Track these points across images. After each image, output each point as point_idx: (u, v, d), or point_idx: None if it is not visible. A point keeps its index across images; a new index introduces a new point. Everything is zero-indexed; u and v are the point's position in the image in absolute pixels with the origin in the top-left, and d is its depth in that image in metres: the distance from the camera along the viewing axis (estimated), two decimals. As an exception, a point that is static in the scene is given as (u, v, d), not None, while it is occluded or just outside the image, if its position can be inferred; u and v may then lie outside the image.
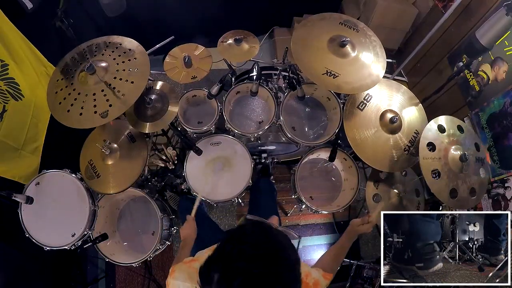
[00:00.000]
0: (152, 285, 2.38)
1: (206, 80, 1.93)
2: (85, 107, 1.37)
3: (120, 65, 1.45)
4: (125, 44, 1.53)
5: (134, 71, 1.43)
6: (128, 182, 1.62)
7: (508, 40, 1.86)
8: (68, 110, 1.37)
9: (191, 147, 1.65)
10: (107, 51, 1.50)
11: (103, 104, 1.37)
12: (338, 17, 1.65)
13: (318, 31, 1.59)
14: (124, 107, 1.38)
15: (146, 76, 1.44)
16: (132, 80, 1.41)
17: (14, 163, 1.67)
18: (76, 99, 1.39)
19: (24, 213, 1.61)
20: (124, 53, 1.49)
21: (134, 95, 1.39)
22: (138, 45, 1.52)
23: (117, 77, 1.42)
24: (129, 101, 1.38)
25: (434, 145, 1.50)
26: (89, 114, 1.36)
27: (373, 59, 1.55)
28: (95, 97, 1.38)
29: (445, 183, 1.46)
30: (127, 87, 1.40)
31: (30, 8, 1.65)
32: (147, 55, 1.50)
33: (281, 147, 2.15)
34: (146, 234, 1.91)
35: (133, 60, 1.47)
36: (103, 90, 1.39)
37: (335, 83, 1.47)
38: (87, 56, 1.49)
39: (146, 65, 1.46)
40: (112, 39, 1.55)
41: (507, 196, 1.80)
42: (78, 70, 1.45)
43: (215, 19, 2.69)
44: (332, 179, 2.07)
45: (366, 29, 1.64)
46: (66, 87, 1.43)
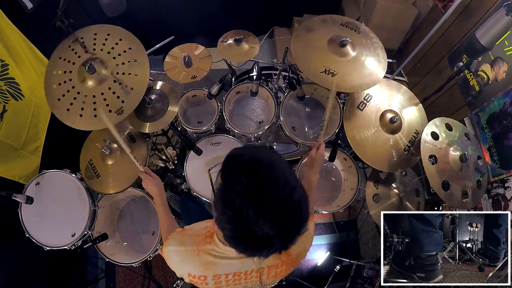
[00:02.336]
0: (152, 285, 2.38)
1: (206, 80, 1.93)
2: (98, 107, 1.36)
3: (118, 58, 1.44)
4: (113, 33, 1.49)
5: (133, 62, 1.42)
6: (128, 182, 1.62)
7: (508, 40, 1.86)
8: (81, 115, 1.36)
9: (191, 147, 1.65)
10: (97, 45, 1.46)
11: (116, 102, 1.37)
12: (339, 19, 1.65)
13: (318, 32, 1.59)
14: (136, 99, 1.38)
15: (146, 65, 1.43)
16: (136, 73, 1.41)
17: (14, 163, 1.67)
18: (84, 102, 1.37)
19: (24, 213, 1.61)
20: (116, 44, 1.46)
21: (142, 86, 1.40)
22: (127, 32, 1.49)
23: (120, 72, 1.41)
24: (139, 93, 1.39)
25: (435, 157, 1.51)
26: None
27: (374, 60, 1.56)
28: (105, 96, 1.38)
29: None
30: (132, 80, 1.41)
31: (30, 8, 1.65)
32: (138, 40, 1.48)
33: (281, 147, 2.15)
34: (146, 234, 1.91)
35: (129, 51, 1.45)
36: (110, 88, 1.39)
37: (334, 81, 1.47)
38: (86, 50, 1.45)
39: (143, 55, 1.44)
40: (99, 29, 1.50)
41: (507, 196, 1.80)
42: (76, 66, 1.42)
43: (215, 19, 2.70)
44: (332, 179, 2.07)
45: (368, 31, 1.64)
46: (68, 92, 1.40)
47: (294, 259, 0.97)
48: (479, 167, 1.60)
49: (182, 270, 0.95)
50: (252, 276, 0.95)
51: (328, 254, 2.55)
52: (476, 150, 1.63)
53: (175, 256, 0.95)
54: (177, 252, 0.94)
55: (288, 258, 0.95)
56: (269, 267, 0.94)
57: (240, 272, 0.93)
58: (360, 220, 2.67)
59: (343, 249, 2.58)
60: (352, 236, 2.67)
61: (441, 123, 1.58)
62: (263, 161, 0.72)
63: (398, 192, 1.83)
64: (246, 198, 0.67)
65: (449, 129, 1.58)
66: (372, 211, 1.75)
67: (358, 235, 2.67)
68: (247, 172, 0.69)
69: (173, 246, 0.95)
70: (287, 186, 0.69)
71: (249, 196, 0.67)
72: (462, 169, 1.51)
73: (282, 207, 0.68)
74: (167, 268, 2.40)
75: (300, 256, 0.98)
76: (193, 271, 0.93)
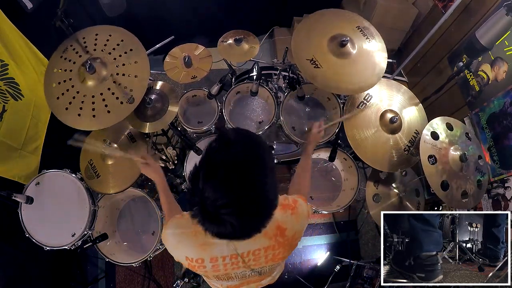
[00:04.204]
0: (152, 285, 2.38)
1: (206, 80, 1.93)
2: (97, 108, 1.37)
3: (118, 59, 1.44)
4: (116, 35, 1.50)
5: (133, 63, 1.42)
6: (128, 182, 1.62)
7: (508, 40, 1.86)
8: (79, 114, 1.36)
9: (191, 147, 1.65)
10: (98, 46, 1.47)
11: (115, 102, 1.38)
12: (360, 20, 1.60)
13: (326, 25, 1.58)
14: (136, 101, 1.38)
15: (147, 67, 1.43)
16: (136, 74, 1.41)
17: (14, 163, 1.67)
18: (83, 101, 1.38)
19: (24, 213, 1.61)
20: (117, 45, 1.47)
21: (141, 88, 1.41)
22: (128, 34, 1.50)
23: (120, 73, 1.41)
24: (138, 95, 1.39)
25: (434, 157, 1.51)
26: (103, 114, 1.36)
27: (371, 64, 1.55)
28: (104, 97, 1.38)
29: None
30: (132, 82, 1.41)
31: (30, 8, 1.65)
32: (139, 41, 1.48)
33: (281, 147, 2.15)
34: (146, 234, 1.91)
35: (129, 52, 1.45)
36: (110, 89, 1.39)
37: (318, 75, 1.47)
38: (87, 50, 1.46)
39: (144, 58, 1.44)
40: (103, 29, 1.52)
41: (507, 196, 1.80)
42: (76, 65, 1.43)
43: (215, 19, 2.69)
44: (332, 179, 2.07)
45: (379, 39, 1.58)
46: (67, 90, 1.40)
47: (291, 239, 0.96)
48: (479, 167, 1.60)
49: (179, 254, 0.95)
50: (250, 259, 0.94)
51: (328, 254, 2.55)
52: (477, 150, 1.63)
53: (172, 239, 0.95)
54: (174, 235, 0.95)
55: (284, 239, 0.94)
56: (266, 249, 0.93)
57: (237, 254, 0.92)
58: (360, 220, 2.67)
59: (343, 249, 2.58)
60: (352, 236, 2.67)
61: (442, 123, 1.57)
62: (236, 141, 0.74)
63: (398, 192, 1.83)
64: (199, 166, 0.73)
65: (450, 128, 1.58)
66: (372, 211, 1.75)
67: (358, 235, 2.67)
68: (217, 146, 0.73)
69: (171, 229, 0.96)
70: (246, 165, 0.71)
71: (200, 164, 0.73)
72: (462, 169, 1.51)
73: (228, 178, 0.69)
74: (167, 268, 2.41)
75: (296, 237, 0.97)
76: (190, 254, 0.92)
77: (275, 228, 0.92)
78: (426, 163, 1.46)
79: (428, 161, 1.46)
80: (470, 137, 1.64)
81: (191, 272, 2.31)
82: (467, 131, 1.64)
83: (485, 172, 1.63)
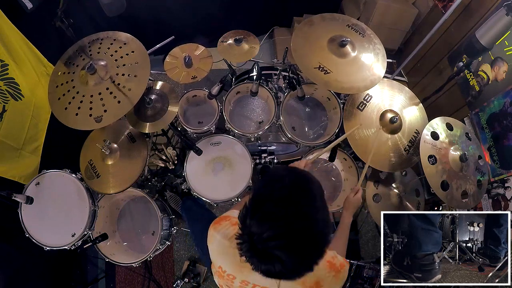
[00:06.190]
0: (152, 285, 2.38)
1: (206, 80, 1.93)
2: (94, 107, 1.37)
3: (119, 60, 1.45)
4: (120, 38, 1.52)
5: (134, 65, 1.43)
6: (128, 182, 1.62)
7: (508, 40, 1.86)
8: (77, 114, 1.37)
9: (191, 147, 1.65)
10: (102, 48, 1.49)
11: (113, 103, 1.38)
12: (347, 20, 1.65)
13: (320, 28, 1.59)
14: (133, 100, 1.39)
15: (147, 69, 1.43)
16: (135, 74, 1.42)
17: (14, 163, 1.67)
18: (82, 101, 1.38)
19: (24, 213, 1.61)
20: (120, 47, 1.48)
21: (139, 89, 1.41)
22: (132, 38, 1.52)
23: (119, 73, 1.42)
24: (136, 95, 1.39)
25: (434, 157, 1.51)
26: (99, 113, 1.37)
27: (374, 60, 1.55)
28: (102, 96, 1.38)
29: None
30: (131, 81, 1.41)
31: (30, 8, 1.65)
32: (142, 45, 1.49)
33: (281, 147, 2.15)
34: (146, 234, 1.91)
35: (131, 54, 1.46)
36: (108, 88, 1.39)
37: (330, 80, 1.47)
38: (90, 52, 1.48)
39: (145, 61, 1.45)
40: (107, 35, 1.54)
41: (507, 196, 1.79)
42: (79, 68, 1.44)
43: (215, 19, 2.70)
44: (332, 179, 2.07)
45: (373, 36, 1.63)
46: (68, 91, 1.42)
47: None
48: (479, 167, 1.60)
49: (216, 260, 0.95)
50: None
51: (328, 254, 2.55)
52: (477, 150, 1.63)
53: (217, 246, 0.95)
54: (220, 244, 0.94)
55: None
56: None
57: (266, 287, 0.91)
58: (360, 220, 2.66)
59: (343, 249, 2.58)
60: (352, 236, 2.66)
61: (442, 123, 1.57)
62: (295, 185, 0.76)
63: (398, 192, 1.83)
64: (247, 204, 0.74)
65: (450, 128, 1.58)
66: (372, 211, 1.75)
67: (358, 235, 2.66)
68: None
69: (220, 235, 0.95)
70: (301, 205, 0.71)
71: (249, 203, 0.74)
72: (462, 169, 1.51)
73: (276, 219, 0.70)
74: (167, 268, 2.41)
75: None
76: (225, 267, 0.92)
77: (313, 283, 0.90)
78: (426, 163, 1.46)
79: (428, 161, 1.46)
80: (470, 137, 1.64)
81: (191, 272, 2.32)
82: (467, 131, 1.64)
83: (485, 172, 1.63)
